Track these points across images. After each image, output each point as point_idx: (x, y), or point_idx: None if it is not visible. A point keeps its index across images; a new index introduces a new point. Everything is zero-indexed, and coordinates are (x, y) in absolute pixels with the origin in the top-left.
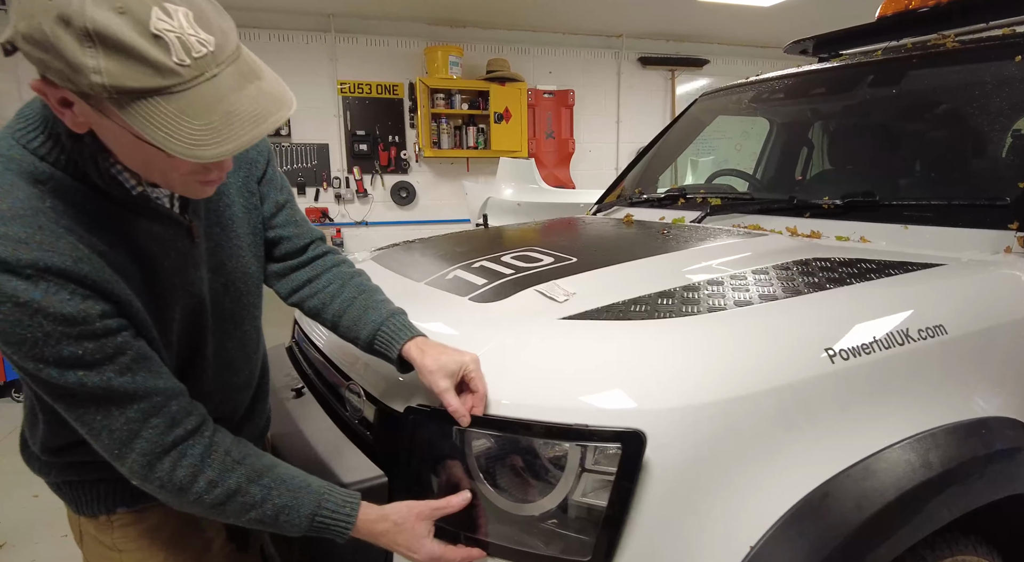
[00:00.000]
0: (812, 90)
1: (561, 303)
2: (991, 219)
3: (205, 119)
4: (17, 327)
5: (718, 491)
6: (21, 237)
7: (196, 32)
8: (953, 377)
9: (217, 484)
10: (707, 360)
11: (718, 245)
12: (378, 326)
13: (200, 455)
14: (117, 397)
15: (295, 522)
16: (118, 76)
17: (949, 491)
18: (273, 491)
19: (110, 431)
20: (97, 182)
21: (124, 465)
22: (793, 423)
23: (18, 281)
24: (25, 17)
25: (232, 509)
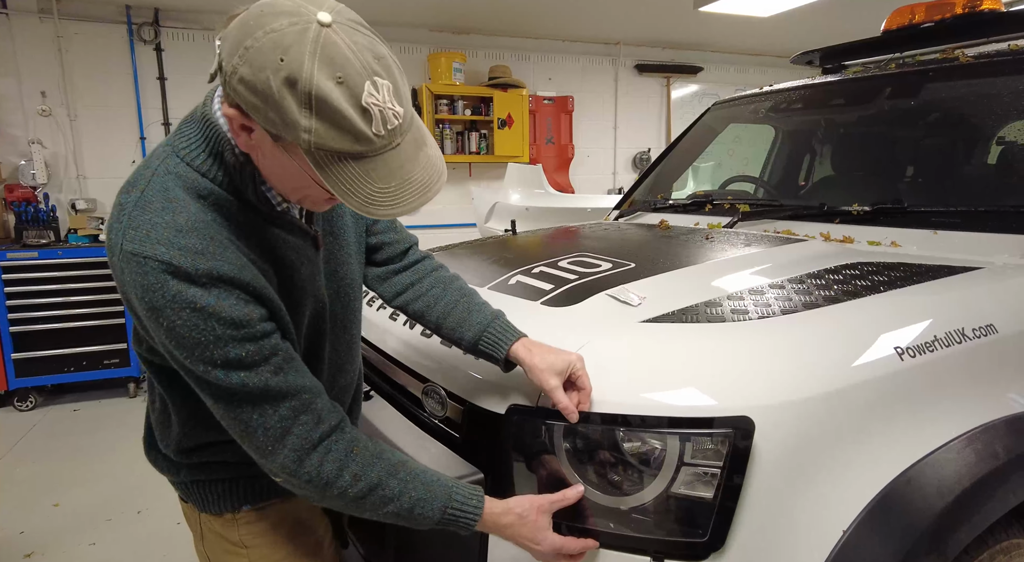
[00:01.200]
0: (828, 100)
1: (635, 307)
2: (1017, 224)
3: (384, 183)
4: (194, 331)
5: (813, 479)
6: (198, 248)
7: (393, 106)
8: (1004, 373)
9: (361, 478)
10: (796, 358)
11: (763, 250)
12: (484, 328)
13: (344, 450)
14: (272, 395)
15: (428, 514)
16: (324, 137)
17: (1014, 478)
18: (409, 484)
19: (265, 429)
20: (250, 198)
21: (275, 461)
22: (875, 416)
23: (195, 288)
24: (253, 67)
25: (372, 502)
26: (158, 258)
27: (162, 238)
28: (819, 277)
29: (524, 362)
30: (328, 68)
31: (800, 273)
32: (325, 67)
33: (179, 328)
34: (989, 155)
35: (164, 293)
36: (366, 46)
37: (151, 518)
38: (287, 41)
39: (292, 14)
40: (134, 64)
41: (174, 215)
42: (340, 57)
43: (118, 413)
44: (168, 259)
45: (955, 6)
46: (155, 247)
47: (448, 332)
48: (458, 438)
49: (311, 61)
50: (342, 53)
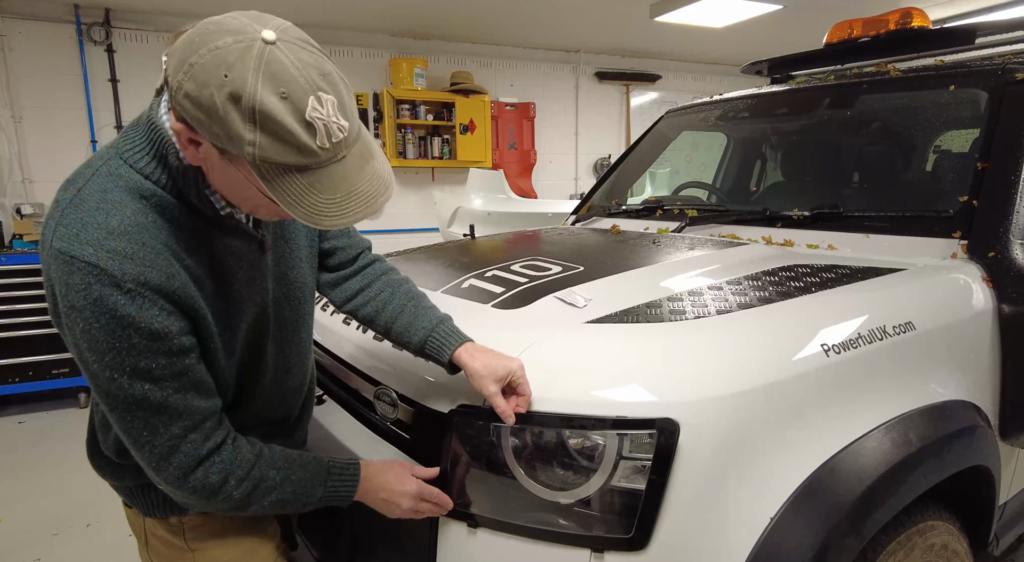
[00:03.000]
0: (773, 109)
1: (581, 308)
2: (939, 229)
3: (330, 194)
4: (109, 336)
5: (741, 470)
6: (127, 252)
7: (338, 119)
8: (921, 367)
9: (244, 479)
10: (726, 356)
11: (707, 253)
12: (429, 332)
13: (228, 459)
14: (168, 413)
15: (310, 492)
16: (268, 151)
17: (926, 464)
18: (289, 471)
19: (152, 445)
20: (193, 201)
21: (160, 476)
22: (800, 409)
23: (119, 295)
24: (197, 83)
25: (256, 496)
26: (85, 259)
27: (92, 238)
28: (756, 279)
29: (466, 367)
30: (272, 84)
31: (738, 275)
32: (269, 83)
33: (95, 331)
34: (915, 163)
35: (87, 295)
36: (311, 63)
37: (101, 531)
38: (231, 58)
39: (237, 32)
40: (84, 65)
41: (107, 216)
42: (284, 73)
43: (67, 425)
44: (95, 261)
45: (889, 23)
46: (83, 247)
47: (396, 336)
48: (408, 439)
49: (255, 77)
50: (286, 69)
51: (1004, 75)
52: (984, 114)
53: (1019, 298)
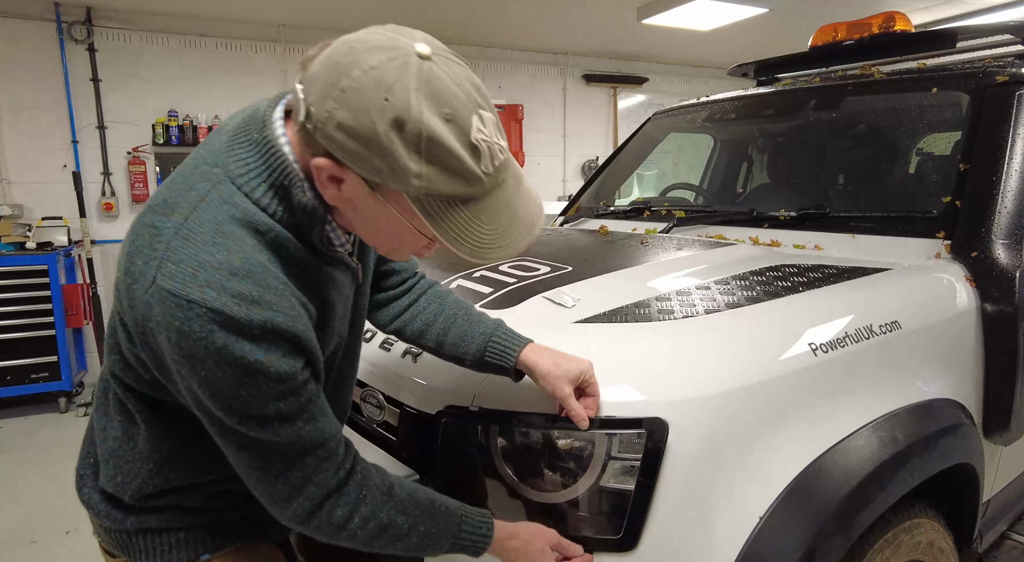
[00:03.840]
0: (759, 111)
1: (570, 308)
2: (923, 229)
3: (494, 225)
4: (236, 386)
5: (729, 470)
6: (253, 296)
7: (498, 140)
8: (907, 365)
9: (370, 520)
10: (715, 355)
11: (695, 254)
12: (488, 338)
13: (355, 493)
14: (302, 445)
15: (439, 545)
16: (435, 182)
17: (912, 462)
18: (418, 520)
19: (286, 477)
20: (313, 240)
21: (288, 509)
22: (788, 408)
23: (245, 342)
24: (353, 110)
25: (382, 542)
26: (207, 305)
27: (213, 281)
28: (743, 279)
29: (535, 368)
30: (435, 105)
31: (726, 275)
32: (432, 104)
33: (219, 382)
34: (899, 165)
35: (208, 344)
36: (465, 78)
37: (81, 538)
38: (389, 78)
39: (389, 48)
40: (64, 64)
41: (228, 254)
42: (445, 91)
43: (47, 429)
44: (220, 307)
45: (872, 26)
46: (204, 291)
47: (451, 348)
48: (395, 441)
49: (417, 98)
50: (447, 87)
51: (985, 78)
52: (965, 116)
53: (1001, 297)
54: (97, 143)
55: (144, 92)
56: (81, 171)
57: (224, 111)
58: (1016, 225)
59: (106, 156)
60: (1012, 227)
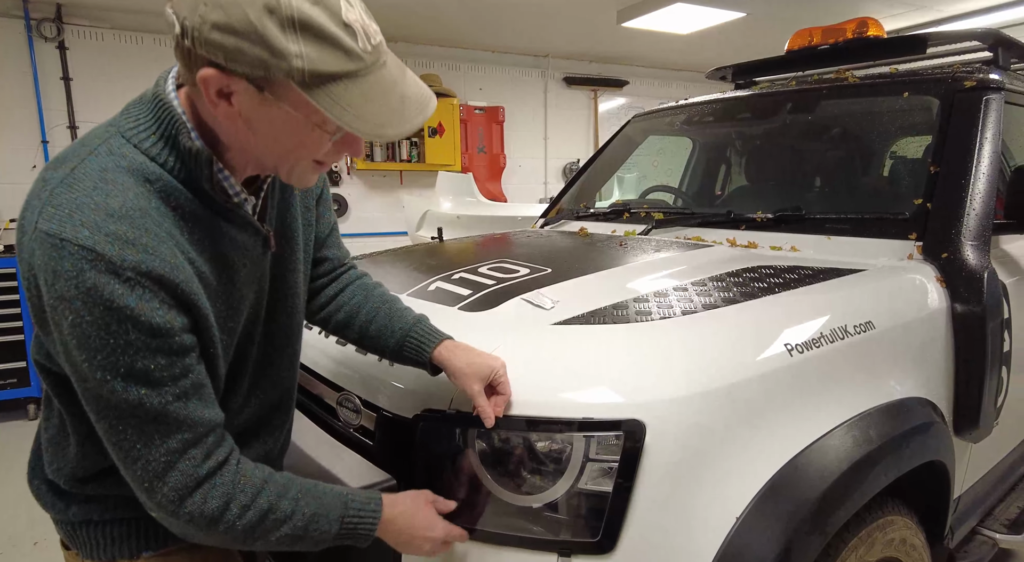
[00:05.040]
0: (736, 114)
1: (548, 310)
2: (896, 231)
3: (385, 102)
4: (103, 331)
5: (707, 470)
6: (129, 237)
7: (370, 22)
8: (880, 365)
9: (249, 507)
10: (692, 356)
11: (673, 255)
12: (406, 332)
13: (231, 482)
14: (166, 423)
15: (325, 528)
16: (316, 61)
17: (886, 460)
18: (301, 502)
19: (146, 461)
20: (204, 186)
21: (153, 498)
22: (764, 408)
23: (117, 284)
24: (225, 7)
25: (264, 529)
26: (79, 242)
27: (88, 220)
28: (720, 280)
29: (447, 365)
30: None
31: (703, 276)
32: None
33: (86, 326)
34: (872, 167)
35: (79, 283)
36: None
37: (49, 550)
38: None
39: None
40: (33, 62)
41: (107, 197)
42: None
43: (14, 438)
44: (91, 245)
45: (847, 31)
46: (77, 229)
47: (371, 341)
48: (372, 446)
49: None
50: None
51: (953, 83)
52: (935, 120)
53: (969, 297)
54: (68, 143)
55: (117, 92)
56: None
57: None
58: (983, 226)
59: None
60: (980, 228)
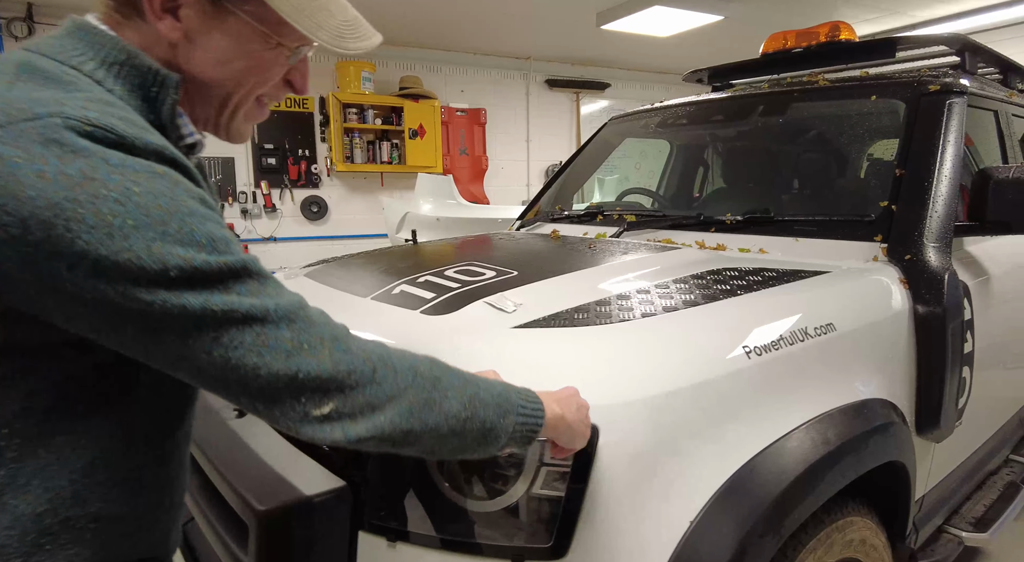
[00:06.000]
0: (709, 117)
1: (511, 313)
2: (862, 233)
3: (343, 16)
4: (159, 198)
5: (661, 474)
6: (141, 124)
7: None
8: (841, 367)
9: (401, 370)
10: (648, 359)
11: (640, 258)
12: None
13: (364, 344)
14: (277, 291)
15: (505, 402)
16: None
17: (844, 461)
18: (461, 374)
19: (302, 362)
20: (165, 120)
21: (340, 403)
22: (722, 411)
23: (141, 159)
24: None
25: (433, 397)
26: (89, 120)
27: (82, 104)
28: (684, 282)
29: None
30: None
31: (667, 279)
32: None
33: (137, 196)
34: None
35: (106, 158)
36: None
37: None
38: None
39: None
40: None
41: (86, 93)
42: None
43: None
44: (104, 123)
45: (820, 35)
46: (78, 110)
47: None
48: (325, 450)
49: None
50: None
51: (919, 87)
52: (902, 124)
53: (931, 299)
54: None
55: None
56: None
57: None
58: (945, 228)
59: None
60: (941, 230)
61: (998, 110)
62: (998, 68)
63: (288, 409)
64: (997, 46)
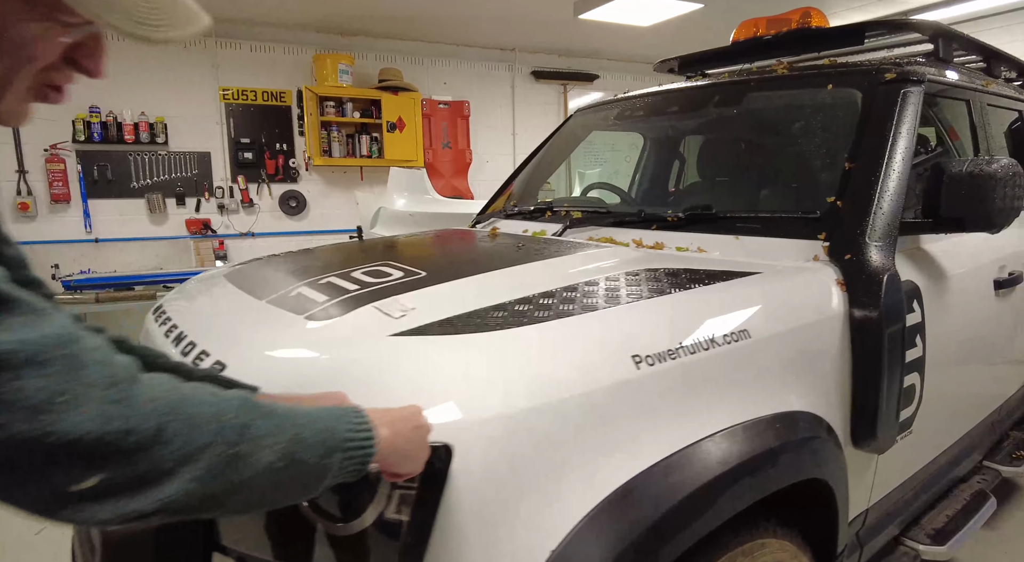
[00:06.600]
0: (665, 108)
1: (397, 319)
2: (805, 230)
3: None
4: None
5: (523, 499)
6: None
7: None
8: (755, 377)
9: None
10: (521, 370)
11: (562, 259)
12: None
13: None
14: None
15: (329, 439)
16: None
17: (742, 482)
18: (280, 414)
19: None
20: None
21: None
22: (598, 428)
23: None
24: None
25: (243, 452)
26: None
27: None
28: (595, 285)
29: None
30: None
31: (578, 281)
32: None
33: None
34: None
35: None
36: None
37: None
38: None
39: None
40: None
41: None
42: None
43: None
44: None
45: (792, 22)
46: None
47: None
48: None
49: None
50: None
51: (877, 75)
52: (858, 114)
53: (867, 302)
54: (10, 140)
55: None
56: None
57: (152, 108)
58: (890, 226)
59: (20, 154)
60: (886, 228)
61: (970, 100)
62: (980, 55)
63: (33, 487)
64: (1000, 33)
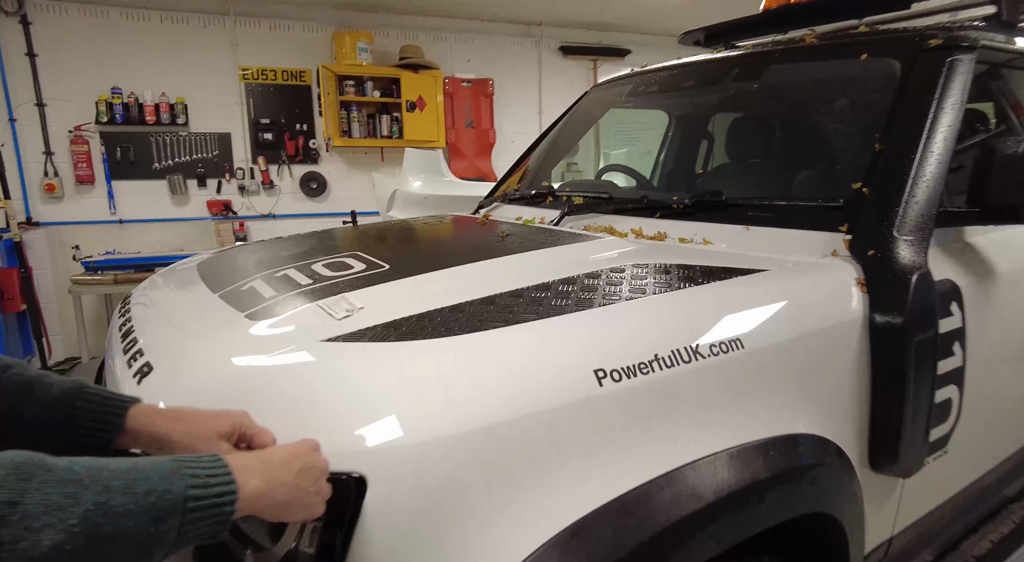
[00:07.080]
0: (681, 83)
1: (339, 320)
2: (825, 221)
3: None
4: None
5: (452, 539)
6: None
7: None
8: (749, 394)
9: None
10: (455, 388)
11: (543, 252)
12: (70, 402)
13: None
14: None
15: (165, 506)
16: None
17: (720, 522)
18: (84, 484)
19: None
20: None
21: None
22: (547, 456)
23: None
24: None
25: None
26: None
27: None
28: (571, 283)
29: (169, 435)
30: None
31: (556, 278)
32: None
33: None
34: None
35: None
36: None
37: None
38: None
39: None
40: None
41: None
42: None
43: None
44: None
45: None
46: None
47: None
48: None
49: None
50: None
51: (919, 42)
52: (895, 88)
53: (891, 306)
54: (37, 121)
55: (84, 68)
56: (20, 151)
57: (172, 89)
58: (924, 218)
59: (47, 135)
60: (919, 220)
61: None
62: None
63: None
64: None
